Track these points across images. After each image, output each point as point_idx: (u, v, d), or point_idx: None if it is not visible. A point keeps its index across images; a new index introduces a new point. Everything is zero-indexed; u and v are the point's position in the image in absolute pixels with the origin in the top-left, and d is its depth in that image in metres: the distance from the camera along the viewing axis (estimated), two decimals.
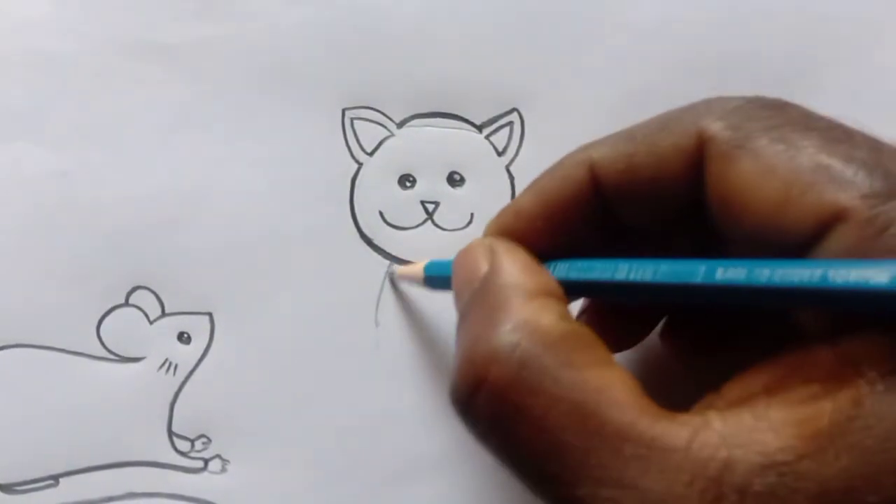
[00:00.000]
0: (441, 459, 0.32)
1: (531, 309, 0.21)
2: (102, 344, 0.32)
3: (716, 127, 0.21)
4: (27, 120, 0.32)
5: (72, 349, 0.32)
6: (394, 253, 0.32)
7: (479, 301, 0.22)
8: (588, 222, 0.24)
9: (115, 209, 0.32)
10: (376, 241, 0.32)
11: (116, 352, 0.32)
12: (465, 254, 0.24)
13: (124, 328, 0.32)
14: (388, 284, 0.32)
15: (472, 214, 0.33)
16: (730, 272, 0.19)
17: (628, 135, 0.23)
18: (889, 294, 0.16)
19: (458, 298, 0.24)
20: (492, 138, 0.33)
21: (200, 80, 0.33)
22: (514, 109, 0.33)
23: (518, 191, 0.32)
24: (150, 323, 0.32)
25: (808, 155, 0.19)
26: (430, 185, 0.33)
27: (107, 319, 0.32)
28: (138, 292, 0.32)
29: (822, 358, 0.18)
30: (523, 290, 0.21)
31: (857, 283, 0.17)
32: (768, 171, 0.20)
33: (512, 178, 0.33)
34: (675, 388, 0.22)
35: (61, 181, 0.32)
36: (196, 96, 0.33)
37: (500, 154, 0.33)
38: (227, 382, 0.32)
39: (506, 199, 0.33)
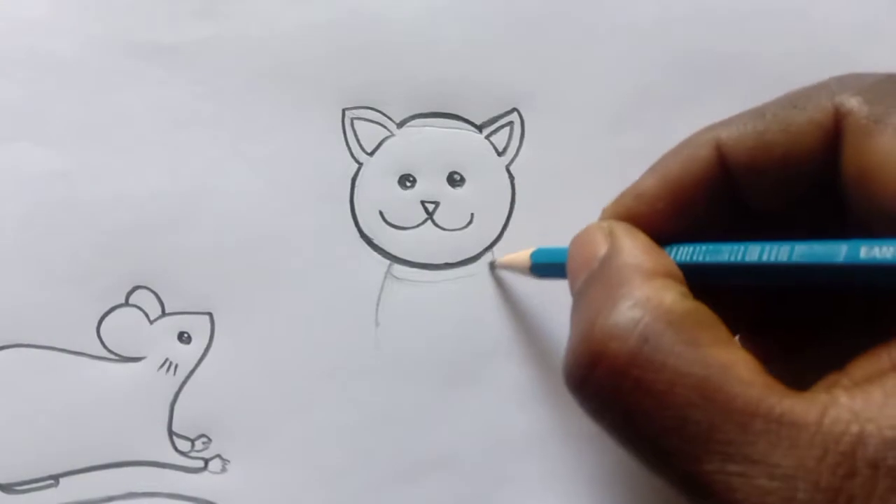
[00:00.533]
0: (441, 459, 0.32)
1: (653, 287, 0.20)
2: (103, 344, 0.32)
3: (854, 102, 0.21)
4: (27, 120, 0.32)
5: (72, 349, 0.32)
6: (394, 253, 0.32)
7: (597, 280, 0.22)
8: (712, 204, 0.23)
9: (115, 209, 0.32)
10: (376, 241, 0.32)
11: (117, 352, 0.32)
12: (582, 236, 0.24)
13: (124, 328, 0.32)
14: (388, 284, 0.32)
15: (472, 214, 0.33)
16: (875, 251, 0.18)
17: (756, 113, 0.23)
18: None
19: (573, 280, 0.23)
20: (492, 138, 0.33)
21: (200, 80, 0.33)
22: (514, 109, 0.33)
23: (518, 191, 0.32)
24: (151, 323, 0.32)
25: None
26: (431, 184, 0.33)
27: (107, 319, 0.32)
28: (138, 292, 0.32)
29: None
30: (644, 270, 0.21)
31: None
32: None
33: (512, 178, 0.33)
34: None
35: (61, 181, 0.32)
36: (196, 96, 0.33)
37: (500, 154, 0.33)
38: (228, 382, 0.32)
39: (506, 199, 0.33)
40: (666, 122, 0.33)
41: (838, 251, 0.19)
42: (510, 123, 0.33)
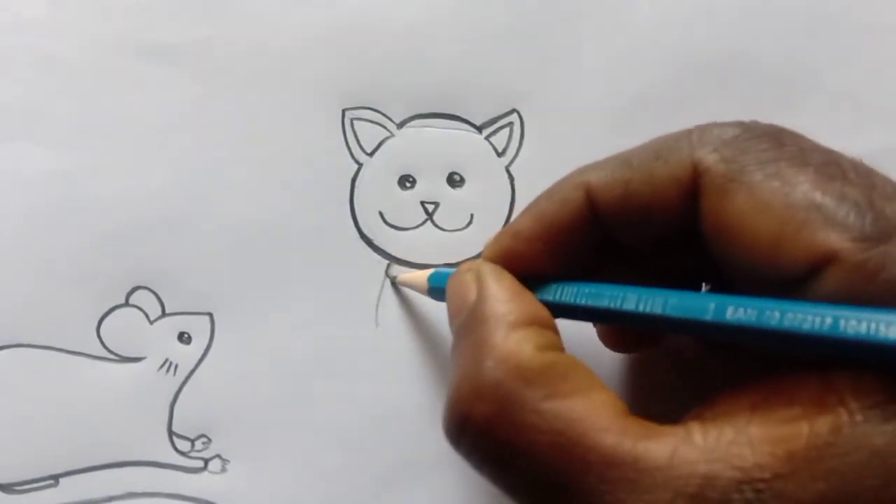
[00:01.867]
0: (441, 459, 0.32)
1: (512, 342, 0.21)
2: (103, 344, 0.32)
3: (711, 159, 0.21)
4: (27, 120, 0.32)
5: (72, 349, 0.32)
6: (394, 253, 0.32)
7: (465, 333, 0.23)
8: (586, 243, 0.24)
9: (115, 209, 0.32)
10: (376, 242, 0.32)
11: (117, 352, 0.32)
12: (455, 280, 0.25)
13: (125, 328, 0.32)
14: (388, 284, 0.32)
15: (471, 215, 0.33)
16: (740, 312, 0.19)
17: (625, 160, 0.23)
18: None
19: (451, 325, 0.25)
20: (492, 139, 0.33)
21: (200, 80, 0.33)
22: (513, 110, 0.33)
23: (518, 191, 0.32)
24: (151, 323, 0.32)
25: (802, 192, 0.20)
26: (430, 185, 0.33)
27: (107, 319, 0.32)
28: (138, 292, 0.32)
29: (809, 383, 0.19)
30: (506, 321, 0.22)
31: (867, 334, 0.17)
32: (763, 207, 0.20)
33: (512, 179, 0.33)
34: (673, 395, 0.22)
35: (61, 181, 0.32)
36: (196, 96, 0.33)
37: (499, 155, 0.33)
38: (228, 382, 0.32)
39: (506, 200, 0.33)
40: (666, 122, 0.32)
41: (707, 308, 0.20)
42: (510, 124, 0.33)
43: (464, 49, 0.33)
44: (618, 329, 0.28)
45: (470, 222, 0.33)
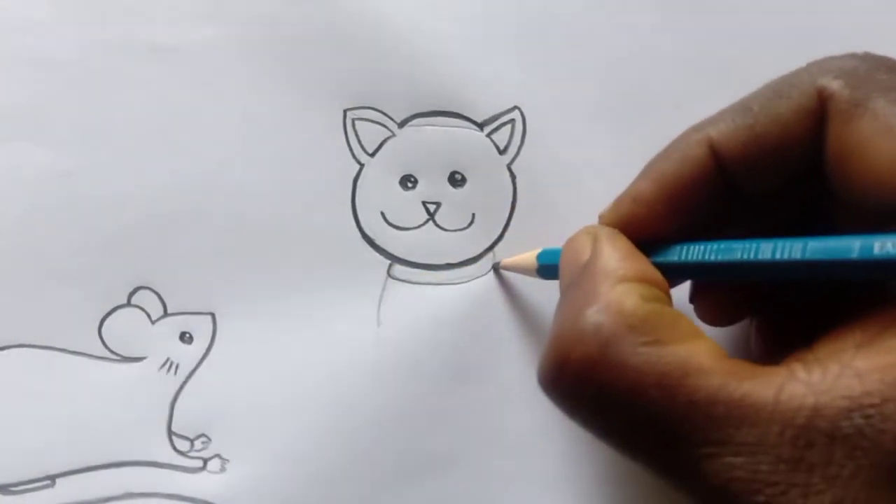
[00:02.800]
0: (441, 459, 0.32)
1: (617, 292, 0.21)
2: (104, 344, 0.32)
3: (835, 85, 0.22)
4: (27, 120, 0.32)
5: (73, 349, 0.32)
6: (395, 253, 0.32)
7: (575, 286, 0.23)
8: (710, 201, 0.24)
9: (116, 209, 0.32)
10: (378, 242, 0.32)
11: (118, 352, 0.32)
12: (571, 241, 0.25)
13: (126, 328, 0.32)
14: (389, 283, 0.32)
15: (473, 214, 0.33)
16: (889, 246, 0.19)
17: (742, 107, 0.24)
18: None
19: (560, 282, 0.25)
20: (493, 136, 0.33)
21: (201, 81, 0.33)
22: (515, 107, 0.33)
23: (520, 190, 0.33)
24: (152, 323, 0.32)
25: None
26: (432, 185, 0.33)
27: (108, 319, 0.32)
28: (140, 292, 0.32)
29: None
30: (614, 276, 0.22)
31: None
32: (886, 130, 0.20)
33: (513, 177, 0.33)
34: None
35: (61, 181, 0.32)
36: (197, 97, 0.33)
37: (501, 153, 0.33)
38: (229, 382, 0.32)
39: (507, 199, 0.33)
40: (666, 122, 0.32)
41: (851, 247, 0.20)
42: (511, 121, 0.33)
43: (464, 47, 0.33)
44: (718, 301, 0.27)
45: (472, 222, 0.33)
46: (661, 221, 0.25)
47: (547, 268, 0.29)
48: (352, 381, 0.32)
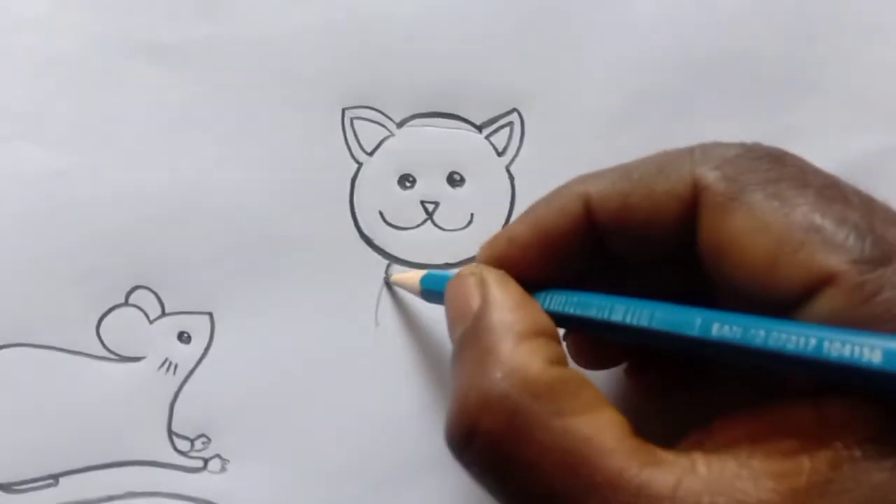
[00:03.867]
0: (441, 459, 0.32)
1: (521, 354, 0.21)
2: (102, 343, 0.32)
3: (712, 176, 0.21)
4: (27, 120, 0.32)
5: (72, 349, 0.32)
6: (394, 253, 0.32)
7: (470, 341, 0.22)
8: (581, 254, 0.24)
9: (115, 209, 0.32)
10: (376, 241, 0.32)
11: (116, 351, 0.32)
12: (456, 285, 0.25)
13: (124, 328, 0.32)
14: (387, 284, 0.32)
15: (471, 214, 0.33)
16: (725, 329, 0.19)
17: (625, 172, 0.23)
18: (880, 372, 0.17)
19: (451, 332, 0.24)
20: (492, 138, 0.33)
21: (200, 80, 0.33)
22: (514, 110, 0.33)
23: (518, 191, 0.32)
24: (150, 322, 0.32)
25: (802, 213, 0.20)
26: (430, 185, 0.33)
27: (107, 319, 0.32)
28: (138, 292, 0.32)
29: (805, 415, 0.19)
30: (514, 332, 0.22)
31: (850, 357, 0.17)
32: (761, 227, 0.20)
33: (512, 179, 0.33)
34: (654, 414, 0.22)
35: (61, 181, 0.32)
36: (196, 96, 0.33)
37: (500, 154, 0.33)
38: (227, 382, 0.32)
39: (506, 200, 0.33)
40: (666, 122, 0.33)
41: (693, 323, 0.20)
42: (510, 124, 0.33)
43: (464, 48, 0.33)
44: (587, 345, 0.27)
45: (470, 222, 0.33)
46: (534, 266, 0.24)
47: (431, 293, 0.29)
48: (350, 381, 0.32)
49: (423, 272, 0.30)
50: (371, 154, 0.33)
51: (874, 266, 0.18)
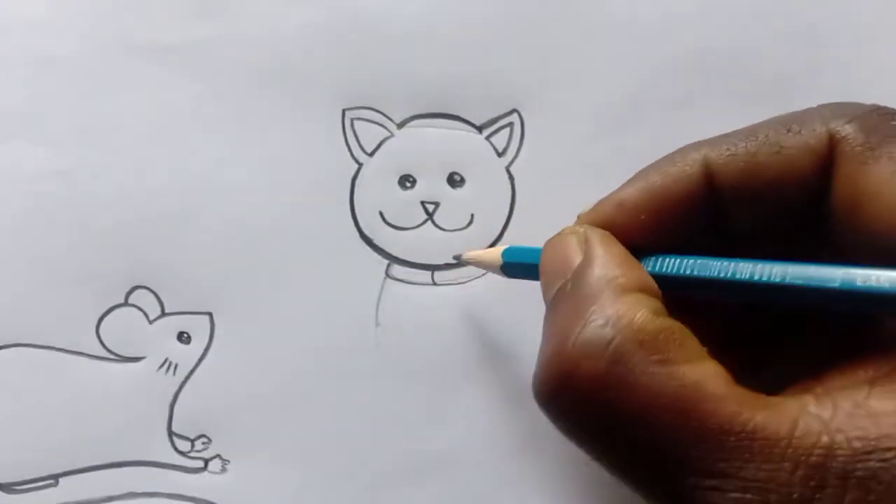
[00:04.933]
0: (441, 459, 0.32)
1: (625, 303, 0.20)
2: (102, 344, 0.32)
3: (849, 128, 0.21)
4: (27, 120, 0.32)
5: (71, 349, 0.32)
6: (394, 253, 0.32)
7: (570, 293, 0.22)
8: (695, 221, 0.23)
9: (115, 209, 0.32)
10: (376, 242, 0.32)
11: (116, 351, 0.32)
12: (556, 242, 0.24)
13: (124, 328, 0.32)
14: (388, 283, 0.32)
15: (472, 215, 0.33)
16: (872, 279, 0.19)
17: (748, 133, 0.23)
18: None
19: (546, 288, 0.24)
20: (492, 139, 0.33)
21: (200, 80, 0.33)
22: (514, 110, 0.33)
23: (519, 191, 0.32)
24: (150, 323, 0.32)
25: None
26: (431, 185, 0.33)
27: (106, 319, 0.32)
28: (138, 292, 0.32)
29: None
30: (617, 284, 0.21)
31: None
32: None
33: (512, 179, 0.33)
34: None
35: (61, 181, 0.32)
36: (196, 96, 0.33)
37: (500, 155, 0.33)
38: (227, 382, 0.32)
39: (506, 200, 0.33)
40: (666, 122, 0.33)
41: (833, 276, 0.19)
42: (510, 124, 0.33)
43: (464, 49, 0.33)
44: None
45: (470, 222, 0.33)
46: (642, 231, 0.24)
47: (512, 266, 0.28)
48: (351, 381, 0.32)
49: (501, 248, 0.29)
50: (371, 154, 0.33)
51: None
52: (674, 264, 0.23)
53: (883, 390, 0.18)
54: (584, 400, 0.20)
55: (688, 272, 0.22)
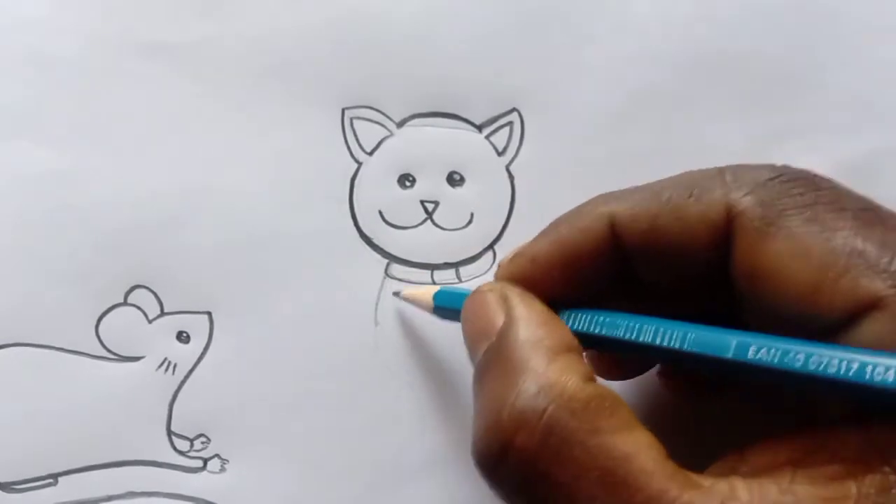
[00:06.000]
0: (440, 459, 0.32)
1: (555, 370, 0.21)
2: (101, 343, 0.32)
3: (746, 202, 0.21)
4: (27, 120, 0.32)
5: (71, 348, 0.32)
6: (394, 252, 0.32)
7: (497, 358, 0.22)
8: (605, 275, 0.24)
9: (115, 208, 0.32)
10: (376, 241, 0.32)
11: (115, 351, 0.32)
12: (475, 301, 0.24)
13: (123, 327, 0.32)
14: (387, 283, 0.32)
15: (471, 214, 0.33)
16: (763, 352, 0.19)
17: (654, 193, 0.23)
18: None
19: (472, 351, 0.24)
20: (492, 138, 0.33)
21: (200, 80, 0.33)
22: (513, 109, 0.33)
23: (518, 191, 0.32)
24: (149, 322, 0.32)
25: (843, 238, 0.20)
26: (430, 184, 0.33)
27: (105, 318, 0.32)
28: (137, 291, 0.32)
29: (850, 439, 0.18)
30: (544, 347, 0.21)
31: (894, 381, 0.17)
32: (803, 252, 0.20)
33: (512, 178, 0.33)
34: (680, 423, 0.22)
35: (60, 181, 0.32)
36: (196, 96, 0.33)
37: (499, 154, 0.33)
38: (227, 382, 0.32)
39: (506, 199, 0.33)
40: (666, 122, 0.33)
41: (728, 345, 0.20)
42: (510, 123, 0.33)
43: (464, 48, 0.33)
44: (612, 356, 0.27)
45: (470, 221, 0.33)
46: (556, 286, 0.24)
47: (444, 310, 0.28)
48: (350, 381, 0.32)
49: (434, 288, 0.29)
50: (371, 154, 0.33)
51: None
52: (586, 321, 0.23)
53: (806, 474, 0.18)
54: (521, 472, 0.20)
55: (597, 331, 0.23)
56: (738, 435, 0.21)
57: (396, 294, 0.32)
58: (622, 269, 0.24)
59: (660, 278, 0.24)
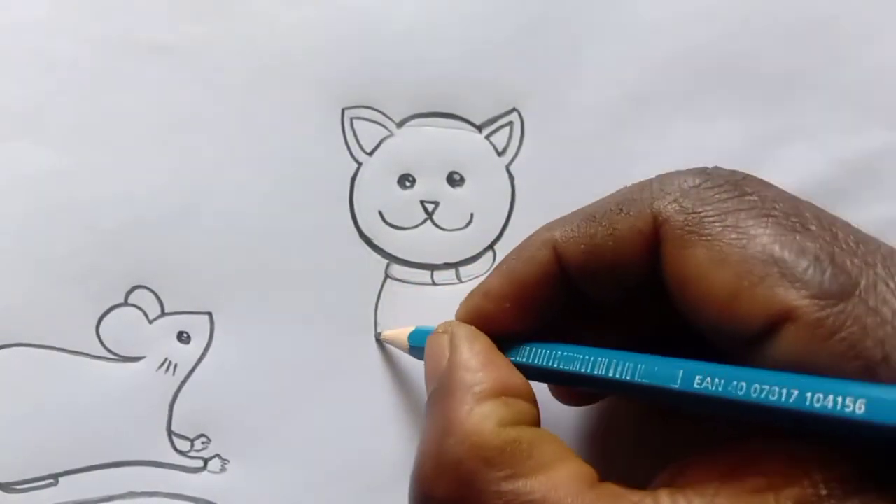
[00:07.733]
0: None
1: (475, 417, 0.21)
2: (102, 343, 0.32)
3: (670, 209, 0.21)
4: (27, 120, 0.32)
5: (71, 349, 0.32)
6: (394, 253, 0.32)
7: (434, 403, 0.23)
8: (556, 301, 0.24)
9: (115, 208, 0.32)
10: (376, 241, 0.32)
11: (116, 351, 0.32)
12: (431, 342, 0.25)
13: (124, 328, 0.32)
14: (387, 283, 0.32)
15: (471, 214, 0.33)
16: (707, 382, 0.19)
17: (589, 215, 0.23)
18: (864, 423, 0.17)
19: (427, 388, 0.24)
20: (492, 138, 0.33)
21: (200, 80, 0.33)
22: (513, 109, 0.33)
23: (518, 191, 0.33)
24: (150, 322, 0.32)
25: (761, 245, 0.19)
26: (430, 184, 0.33)
27: (106, 319, 0.32)
28: (138, 292, 0.32)
29: (777, 454, 0.19)
30: (472, 394, 0.22)
31: (833, 409, 0.17)
32: (720, 260, 0.20)
33: (512, 178, 0.33)
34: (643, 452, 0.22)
35: (61, 181, 0.32)
36: (196, 96, 0.33)
37: (499, 154, 0.33)
38: (227, 382, 0.32)
39: (506, 200, 0.33)
40: (666, 122, 0.33)
41: (675, 376, 0.20)
42: (510, 123, 0.33)
43: (464, 48, 0.33)
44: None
45: (470, 221, 0.33)
46: (511, 319, 0.24)
47: (418, 350, 0.28)
48: (350, 381, 0.32)
49: (410, 328, 0.30)
50: (371, 154, 0.33)
51: (834, 301, 0.18)
52: (545, 355, 0.23)
53: (731, 487, 0.18)
54: None
55: (554, 365, 0.23)
56: (686, 447, 0.21)
57: (378, 336, 0.32)
58: (573, 293, 0.24)
59: (607, 295, 0.24)
